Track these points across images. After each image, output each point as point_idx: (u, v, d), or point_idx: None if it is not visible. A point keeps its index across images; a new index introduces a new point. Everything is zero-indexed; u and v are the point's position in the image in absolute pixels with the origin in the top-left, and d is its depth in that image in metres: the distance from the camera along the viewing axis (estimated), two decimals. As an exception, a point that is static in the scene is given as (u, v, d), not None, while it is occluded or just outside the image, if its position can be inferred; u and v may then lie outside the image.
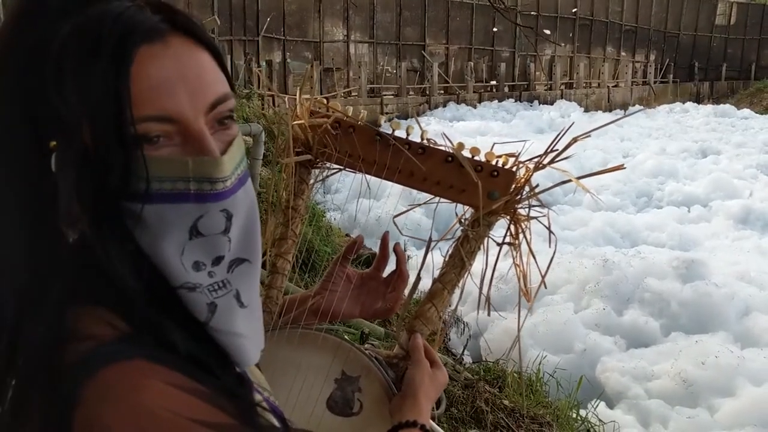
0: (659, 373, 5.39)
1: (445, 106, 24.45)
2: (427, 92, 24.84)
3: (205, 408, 0.59)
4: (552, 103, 27.12)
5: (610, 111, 28.98)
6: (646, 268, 7.26)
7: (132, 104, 0.60)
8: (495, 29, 26.91)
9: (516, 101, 26.51)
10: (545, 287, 0.97)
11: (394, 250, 1.13)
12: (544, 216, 0.99)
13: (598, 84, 30.83)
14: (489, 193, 1.02)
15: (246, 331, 0.69)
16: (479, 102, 25.58)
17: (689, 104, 30.32)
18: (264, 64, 18.43)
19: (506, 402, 3.76)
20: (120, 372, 0.58)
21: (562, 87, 29.13)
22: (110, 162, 0.60)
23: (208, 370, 0.64)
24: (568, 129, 0.94)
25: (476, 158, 1.03)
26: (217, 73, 0.68)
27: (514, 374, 4.08)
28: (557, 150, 0.94)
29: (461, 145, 1.03)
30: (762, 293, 7.06)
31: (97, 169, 0.60)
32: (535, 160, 0.99)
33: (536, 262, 0.97)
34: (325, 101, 1.09)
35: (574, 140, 0.90)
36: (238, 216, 0.67)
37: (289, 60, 21.27)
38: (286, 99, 1.17)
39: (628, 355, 5.81)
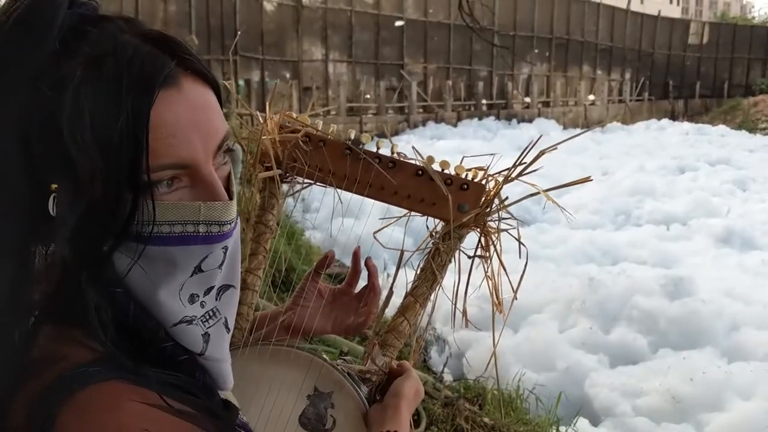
0: (648, 390, 5.38)
1: (424, 125, 24.53)
2: (406, 111, 24.95)
3: (185, 426, 0.58)
4: (531, 122, 27.33)
5: (588, 128, 29.27)
6: (632, 286, 7.26)
7: (149, 152, 0.58)
8: (473, 48, 27.15)
9: (496, 119, 26.69)
10: (516, 299, 0.97)
11: (366, 264, 1.12)
12: (514, 228, 0.99)
13: (575, 102, 31.21)
14: (459, 206, 1.02)
15: (227, 355, 0.71)
16: (458, 120, 25.71)
17: (665, 121, 30.78)
18: (242, 83, 18.42)
19: (486, 420, 3.74)
20: (97, 393, 0.57)
21: (540, 105, 29.42)
22: (119, 209, 0.58)
23: (189, 393, 0.64)
24: (536, 142, 0.94)
25: (446, 172, 1.03)
26: (220, 111, 0.68)
27: (494, 391, 4.06)
28: (526, 163, 0.94)
29: (431, 159, 1.03)
30: (748, 308, 7.09)
31: (100, 217, 0.58)
32: (504, 173, 0.99)
33: (506, 273, 0.97)
34: (293, 115, 1.09)
35: (542, 153, 0.91)
36: (231, 248, 0.68)
37: (267, 79, 21.28)
38: (257, 114, 1.16)
39: (616, 372, 5.80)
